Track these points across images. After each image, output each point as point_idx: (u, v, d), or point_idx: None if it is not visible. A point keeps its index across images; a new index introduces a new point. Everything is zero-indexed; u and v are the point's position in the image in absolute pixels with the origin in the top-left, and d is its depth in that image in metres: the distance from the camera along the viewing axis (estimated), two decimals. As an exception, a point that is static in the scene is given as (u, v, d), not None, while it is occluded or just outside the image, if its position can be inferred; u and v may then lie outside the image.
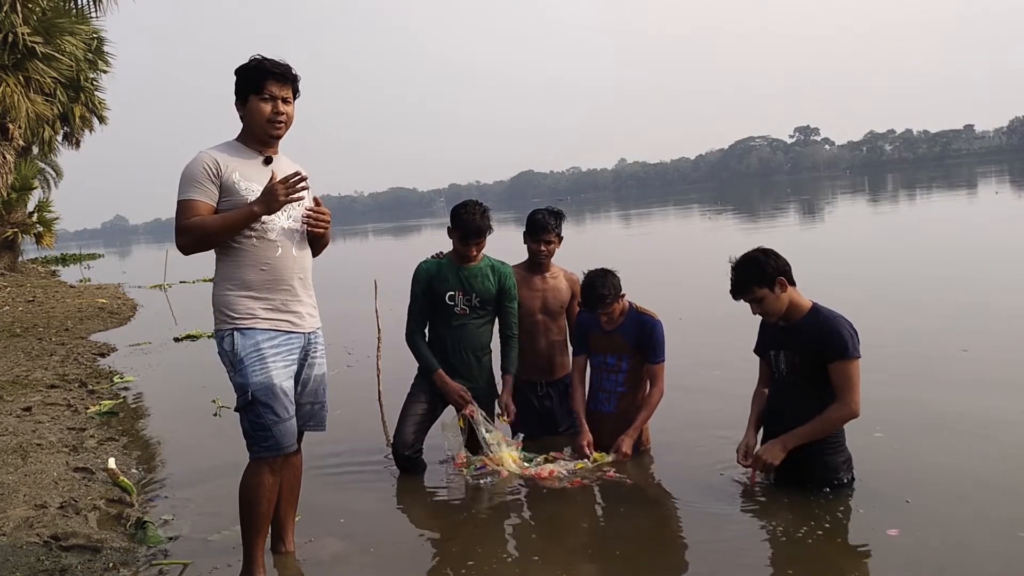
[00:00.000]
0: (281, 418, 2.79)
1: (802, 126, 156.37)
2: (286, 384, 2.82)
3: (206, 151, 2.84)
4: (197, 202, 2.75)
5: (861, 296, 7.99)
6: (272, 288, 2.82)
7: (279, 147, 2.97)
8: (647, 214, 40.79)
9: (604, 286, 3.85)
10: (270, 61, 2.86)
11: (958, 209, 23.31)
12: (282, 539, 3.11)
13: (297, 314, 2.88)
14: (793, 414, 3.42)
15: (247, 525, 2.85)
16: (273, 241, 2.82)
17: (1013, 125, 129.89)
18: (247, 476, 2.85)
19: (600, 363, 4.11)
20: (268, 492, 2.83)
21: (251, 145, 2.89)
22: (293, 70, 2.89)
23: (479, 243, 3.99)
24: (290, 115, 2.90)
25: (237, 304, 2.79)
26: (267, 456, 2.81)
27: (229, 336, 2.78)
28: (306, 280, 2.94)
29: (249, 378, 2.75)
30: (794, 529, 3.08)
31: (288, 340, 2.84)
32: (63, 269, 28.86)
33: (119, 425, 5.58)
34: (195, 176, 2.77)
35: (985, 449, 3.84)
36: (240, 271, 2.80)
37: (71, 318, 11.88)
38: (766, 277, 3.37)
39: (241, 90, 2.87)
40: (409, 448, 3.98)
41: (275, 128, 2.86)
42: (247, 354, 2.76)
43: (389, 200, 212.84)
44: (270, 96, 2.83)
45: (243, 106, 2.87)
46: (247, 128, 2.90)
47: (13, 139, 15.44)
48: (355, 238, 46.72)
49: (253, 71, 2.85)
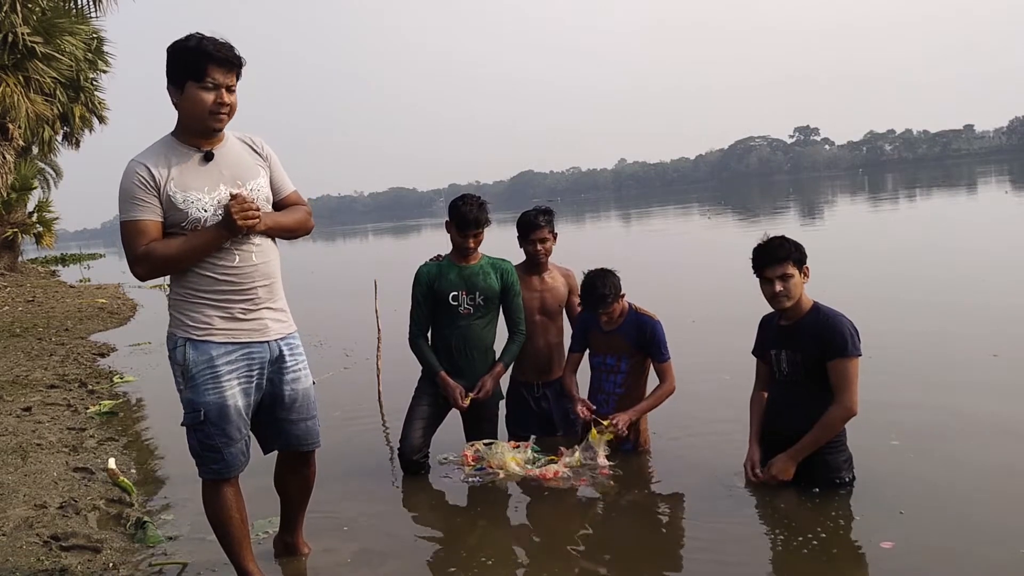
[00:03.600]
0: (233, 440, 2.61)
1: (802, 126, 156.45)
2: (241, 403, 2.62)
3: (136, 160, 2.53)
4: (144, 222, 2.49)
5: (894, 296, 7.93)
6: (230, 297, 2.57)
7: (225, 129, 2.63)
8: (647, 214, 40.81)
9: (605, 286, 3.85)
10: (212, 42, 2.48)
11: (974, 209, 23.07)
12: (295, 542, 3.07)
13: (260, 321, 2.63)
14: (795, 414, 3.42)
15: (227, 545, 2.75)
16: (228, 250, 2.56)
17: (1013, 125, 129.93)
18: (207, 498, 2.71)
19: (599, 364, 4.11)
20: (233, 505, 2.71)
21: (187, 140, 2.58)
22: (238, 52, 2.54)
23: (477, 235, 3.96)
24: (234, 105, 2.56)
25: (192, 312, 2.56)
26: (216, 478, 2.66)
27: (182, 347, 2.57)
28: (272, 286, 2.67)
29: (201, 396, 2.56)
30: (791, 537, 3.03)
31: (247, 354, 2.61)
32: (63, 269, 28.85)
33: (119, 425, 5.57)
34: (132, 192, 2.49)
35: (1008, 460, 3.67)
36: (195, 279, 2.56)
37: (71, 318, 11.88)
38: (802, 258, 3.41)
39: (176, 75, 2.49)
40: (417, 452, 3.97)
41: (218, 120, 2.54)
42: (199, 370, 2.56)
43: (389, 200, 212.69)
44: (213, 84, 2.47)
45: (179, 93, 2.50)
46: (183, 120, 2.57)
47: (13, 139, 15.42)
48: (355, 238, 46.72)
49: (192, 53, 2.46)
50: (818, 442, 3.36)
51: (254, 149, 2.73)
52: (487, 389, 4.00)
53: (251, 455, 2.77)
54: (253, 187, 2.64)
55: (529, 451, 3.98)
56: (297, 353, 2.77)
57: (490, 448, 3.93)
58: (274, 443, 2.86)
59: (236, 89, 2.57)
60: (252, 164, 2.69)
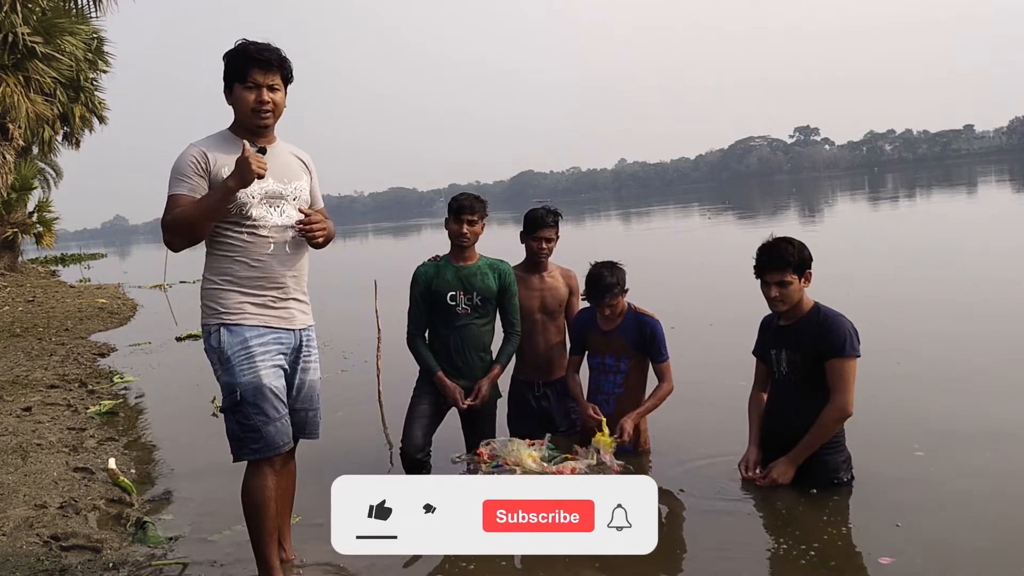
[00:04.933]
0: (271, 418, 2.68)
1: (802, 126, 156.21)
2: (276, 383, 2.71)
3: (195, 144, 2.73)
4: (182, 196, 2.64)
5: (926, 298, 7.87)
6: (262, 285, 2.72)
7: (276, 135, 2.85)
8: (648, 213, 40.81)
9: (612, 275, 3.85)
10: (255, 46, 2.70)
11: (987, 209, 22.86)
12: (281, 546, 3.01)
13: (287, 310, 2.78)
14: (794, 414, 3.43)
15: (258, 533, 2.74)
16: (265, 237, 2.72)
17: (1013, 125, 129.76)
18: (248, 480, 2.73)
19: (599, 364, 4.11)
20: (272, 494, 2.72)
21: (242, 135, 2.75)
22: (281, 54, 2.73)
23: (471, 219, 3.95)
24: (278, 103, 2.74)
25: (225, 299, 2.69)
26: (259, 458, 2.70)
27: (216, 332, 2.69)
28: (300, 278, 2.84)
29: (237, 377, 2.66)
30: (792, 544, 2.99)
31: (278, 337, 2.74)
32: (63, 269, 28.85)
33: (119, 425, 5.58)
34: (182, 170, 2.66)
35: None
36: (230, 265, 2.70)
37: (71, 318, 11.88)
38: (803, 264, 3.39)
39: (227, 78, 2.74)
40: (420, 451, 3.97)
41: (260, 118, 2.72)
42: (234, 352, 2.66)
43: (389, 200, 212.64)
44: (254, 84, 2.69)
45: (230, 95, 2.74)
46: (237, 118, 2.78)
47: (13, 139, 15.42)
48: (355, 238, 46.73)
49: (236, 58, 2.70)
50: (815, 444, 3.37)
51: (300, 159, 2.94)
52: (484, 394, 4.02)
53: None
54: (296, 187, 2.83)
55: (544, 449, 3.98)
56: (312, 346, 2.91)
57: (505, 445, 3.92)
58: None
59: (280, 88, 2.75)
60: (298, 168, 2.90)
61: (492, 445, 3.91)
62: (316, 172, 2.99)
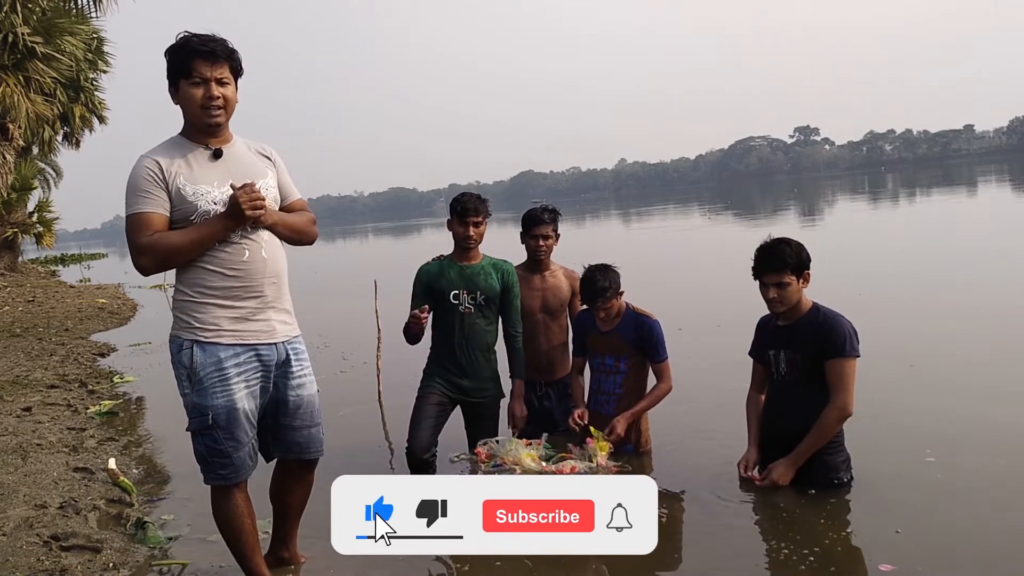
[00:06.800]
0: (241, 443, 2.57)
1: (802, 126, 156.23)
2: (249, 406, 2.58)
3: (146, 155, 2.53)
4: (149, 215, 2.46)
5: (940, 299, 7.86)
6: (239, 295, 2.54)
7: (232, 132, 2.64)
8: (648, 214, 40.81)
9: (605, 279, 3.85)
10: (198, 38, 2.49)
11: (991, 208, 22.80)
12: (289, 552, 3.02)
13: (267, 322, 2.60)
14: (793, 415, 3.43)
15: (239, 551, 2.70)
16: (239, 244, 2.53)
17: (1013, 125, 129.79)
18: (216, 507, 2.66)
19: (599, 364, 4.11)
20: (244, 512, 2.66)
21: (195, 138, 2.57)
22: (228, 44, 2.53)
23: (476, 221, 3.94)
24: (228, 98, 2.53)
25: (200, 312, 2.52)
26: (225, 484, 2.61)
27: (189, 349, 2.52)
28: (280, 285, 2.64)
29: (209, 400, 2.52)
30: (793, 548, 2.98)
31: (256, 355, 2.58)
32: (63, 269, 28.86)
33: (119, 425, 5.58)
34: (140, 185, 2.47)
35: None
36: (204, 276, 2.52)
37: (71, 318, 11.88)
38: (801, 265, 3.38)
39: (171, 75, 2.52)
40: (426, 451, 3.95)
41: (211, 115, 2.51)
42: (207, 373, 2.51)
43: (389, 200, 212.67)
44: (201, 79, 2.47)
45: (176, 93, 2.53)
46: (186, 118, 2.57)
47: (13, 139, 15.42)
48: (355, 238, 46.73)
49: (179, 52, 2.49)
50: (816, 445, 3.37)
51: (262, 153, 2.74)
52: (523, 415, 4.05)
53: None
54: (262, 186, 2.62)
55: (542, 448, 3.98)
56: (302, 358, 2.74)
57: (503, 445, 3.92)
58: (275, 450, 2.82)
59: (230, 82, 2.55)
60: (260, 165, 2.70)
61: (490, 445, 3.91)
62: (282, 163, 2.80)
